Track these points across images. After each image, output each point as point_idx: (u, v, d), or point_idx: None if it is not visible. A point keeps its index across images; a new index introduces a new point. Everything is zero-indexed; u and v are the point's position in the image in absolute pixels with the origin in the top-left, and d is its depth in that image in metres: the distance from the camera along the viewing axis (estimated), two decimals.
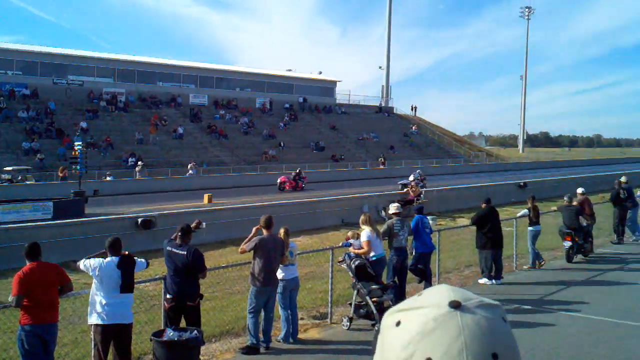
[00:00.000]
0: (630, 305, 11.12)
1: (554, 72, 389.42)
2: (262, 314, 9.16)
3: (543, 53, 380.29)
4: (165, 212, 20.90)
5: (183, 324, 8.18)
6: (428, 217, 22.53)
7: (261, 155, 53.50)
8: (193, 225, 8.86)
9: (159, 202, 26.78)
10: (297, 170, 38.40)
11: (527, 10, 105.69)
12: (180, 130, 52.57)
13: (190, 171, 41.70)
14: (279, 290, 9.31)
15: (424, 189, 29.47)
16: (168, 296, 8.29)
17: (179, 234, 8.35)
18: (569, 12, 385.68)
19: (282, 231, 9.58)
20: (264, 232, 9.15)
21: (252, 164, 49.74)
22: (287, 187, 36.14)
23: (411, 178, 32.30)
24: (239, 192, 33.49)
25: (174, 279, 8.23)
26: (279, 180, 36.65)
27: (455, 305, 1.02)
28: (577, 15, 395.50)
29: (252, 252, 9.04)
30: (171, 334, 7.49)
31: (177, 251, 8.21)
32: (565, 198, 16.20)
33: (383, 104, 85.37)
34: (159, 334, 7.63)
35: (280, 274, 9.35)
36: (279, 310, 9.48)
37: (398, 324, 1.06)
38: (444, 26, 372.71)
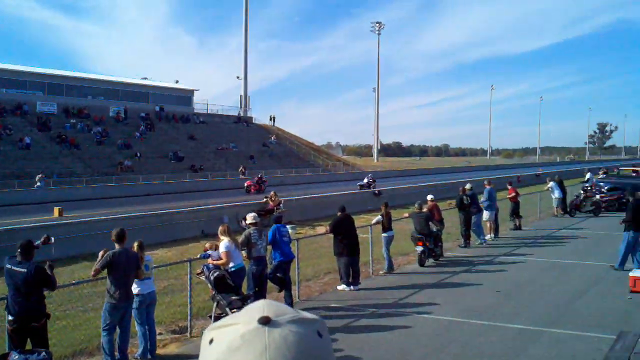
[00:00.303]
0: (477, 305, 11.81)
1: (405, 84, 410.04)
2: (118, 330, 8.77)
3: (395, 66, 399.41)
4: (9, 227, 19.46)
5: (30, 345, 7.63)
6: (288, 226, 22.84)
7: (116, 166, 51.44)
8: (41, 240, 8.34)
9: (2, 217, 24.90)
10: (259, 175, 45.00)
11: (377, 25, 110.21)
12: (27, 139, 49.45)
13: (38, 183, 39.29)
14: (134, 305, 8.95)
15: (376, 189, 30.40)
16: (10, 318, 7.70)
17: (19, 250, 7.80)
18: (417, 28, 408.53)
19: (135, 245, 9.23)
20: (117, 246, 8.78)
21: (106, 175, 47.65)
22: (252, 190, 40.98)
23: (365, 181, 38.35)
24: (93, 204, 31.96)
25: (15, 298, 7.66)
26: (245, 184, 42.47)
27: (264, 321, 1.00)
28: (425, 31, 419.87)
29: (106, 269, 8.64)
30: (16, 357, 6.96)
31: (17, 269, 7.65)
32: (415, 205, 16.97)
33: (242, 114, 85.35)
34: (3, 358, 7.07)
35: (135, 289, 9.00)
36: (136, 326, 9.12)
37: (211, 341, 1.04)
38: (300, 38, 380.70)
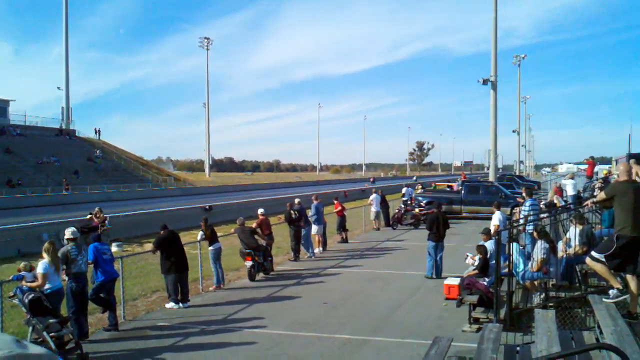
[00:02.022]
0: (306, 317, 12.03)
1: (236, 101, 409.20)
2: None
3: (225, 82, 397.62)
4: None
5: None
6: (114, 244, 21.93)
7: None
8: None
9: None
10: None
11: (206, 40, 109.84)
12: None
13: None
14: None
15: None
16: None
17: None
18: (246, 46, 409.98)
19: None
20: None
21: None
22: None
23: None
24: None
25: None
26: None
27: None
28: (254, 49, 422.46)
29: None
30: None
31: None
32: (237, 221, 17.04)
33: (64, 126, 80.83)
34: None
35: None
36: None
37: None
38: (127, 51, 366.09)
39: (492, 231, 14.79)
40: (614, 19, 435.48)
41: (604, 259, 6.95)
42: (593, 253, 7.28)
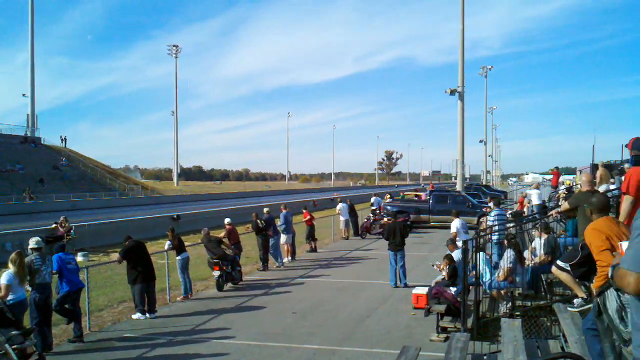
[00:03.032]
0: (275, 327, 11.98)
1: (206, 109, 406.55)
2: None
3: (195, 90, 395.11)
4: None
5: None
6: (80, 253, 21.57)
7: None
8: None
9: None
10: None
11: (174, 48, 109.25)
12: None
13: None
14: None
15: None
16: None
17: None
18: (216, 54, 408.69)
19: None
20: None
21: None
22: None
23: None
24: None
25: None
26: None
27: None
28: (224, 57, 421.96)
29: None
30: None
31: None
32: (202, 232, 16.94)
33: (29, 134, 79.47)
34: None
35: None
36: None
37: None
38: (95, 57, 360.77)
39: (451, 237, 15.12)
40: (579, 32, 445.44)
41: (569, 268, 7.06)
42: (558, 262, 7.39)
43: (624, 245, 2.81)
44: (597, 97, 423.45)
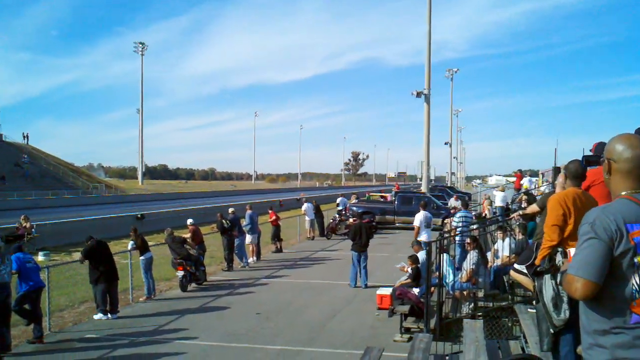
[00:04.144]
0: (239, 328, 11.93)
1: (171, 107, 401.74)
2: None
3: (161, 88, 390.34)
4: None
5: None
6: (41, 253, 21.22)
7: None
8: None
9: None
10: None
11: (140, 45, 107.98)
12: None
13: None
14: None
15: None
16: None
17: None
18: (183, 51, 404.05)
19: None
20: None
21: None
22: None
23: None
24: None
25: None
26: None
27: None
28: (191, 55, 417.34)
29: None
30: None
31: None
32: (164, 232, 16.80)
33: None
34: None
35: None
36: None
37: None
38: (59, 53, 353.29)
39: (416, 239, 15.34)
40: (542, 36, 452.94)
41: (525, 271, 7.19)
42: (515, 265, 7.52)
43: (573, 251, 2.88)
44: (559, 100, 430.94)
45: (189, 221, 18.27)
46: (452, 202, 27.18)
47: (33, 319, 10.97)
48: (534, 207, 9.03)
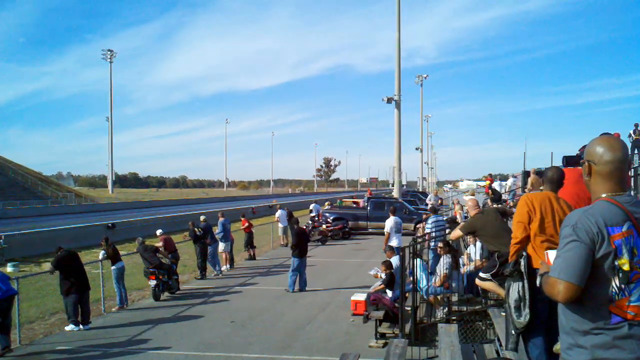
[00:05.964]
0: (213, 337, 11.84)
1: (141, 114, 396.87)
2: None
3: (131, 96, 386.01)
4: None
5: None
6: (9, 264, 20.87)
7: None
8: None
9: None
10: None
11: (109, 53, 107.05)
12: None
13: None
14: None
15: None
16: None
17: None
18: (152, 59, 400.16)
19: None
20: None
21: None
22: None
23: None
24: None
25: None
26: None
27: None
28: (161, 62, 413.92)
29: None
30: None
31: None
32: (136, 241, 16.65)
33: None
34: None
35: None
36: None
37: None
38: (26, 60, 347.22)
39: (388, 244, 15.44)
40: (510, 43, 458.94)
41: (490, 277, 7.26)
42: (480, 274, 7.60)
43: (551, 254, 2.90)
44: (528, 105, 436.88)
45: (159, 232, 18.14)
46: (432, 199, 27.36)
47: (1, 330, 10.74)
48: (455, 232, 9.23)
